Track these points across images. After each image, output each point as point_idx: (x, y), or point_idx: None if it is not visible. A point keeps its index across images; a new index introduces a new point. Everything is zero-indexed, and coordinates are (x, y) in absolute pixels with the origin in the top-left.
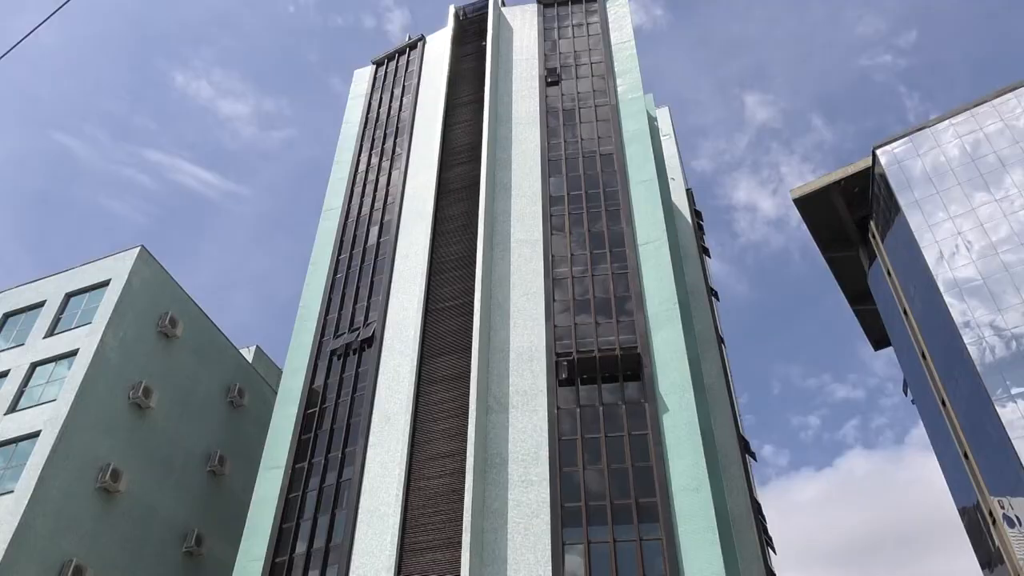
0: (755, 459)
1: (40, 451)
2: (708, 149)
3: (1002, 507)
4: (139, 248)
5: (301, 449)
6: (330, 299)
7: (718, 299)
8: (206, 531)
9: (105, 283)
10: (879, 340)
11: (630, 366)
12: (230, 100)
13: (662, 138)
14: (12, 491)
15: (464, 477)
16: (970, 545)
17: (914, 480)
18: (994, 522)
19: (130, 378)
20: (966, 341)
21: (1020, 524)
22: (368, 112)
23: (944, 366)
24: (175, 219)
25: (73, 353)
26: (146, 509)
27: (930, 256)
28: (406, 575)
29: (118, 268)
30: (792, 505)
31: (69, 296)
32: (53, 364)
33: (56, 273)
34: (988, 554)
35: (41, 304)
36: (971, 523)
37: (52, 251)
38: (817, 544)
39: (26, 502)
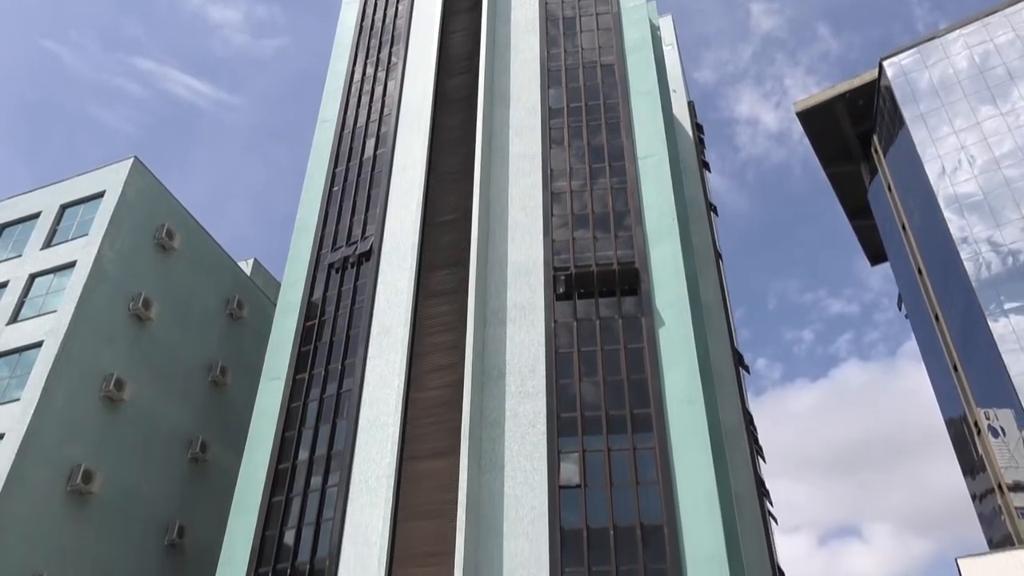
0: (748, 372)
1: (44, 360)
2: (711, 60)
3: (987, 418)
4: (132, 159)
5: (301, 361)
6: (327, 212)
7: (717, 214)
8: (210, 439)
9: (100, 195)
10: (876, 255)
11: (628, 281)
12: (220, 6)
13: (664, 48)
14: (19, 399)
15: (462, 389)
16: (954, 454)
17: (904, 392)
18: (979, 432)
19: (129, 290)
20: (963, 257)
21: (1003, 434)
22: (363, 19)
23: (939, 281)
24: (167, 129)
25: (71, 265)
26: (151, 418)
27: (932, 171)
28: (406, 482)
29: (112, 179)
30: (787, 414)
31: (64, 207)
32: (52, 276)
33: (50, 184)
34: (971, 462)
35: (36, 215)
36: (956, 433)
37: (44, 161)
38: (811, 451)
39: (33, 409)
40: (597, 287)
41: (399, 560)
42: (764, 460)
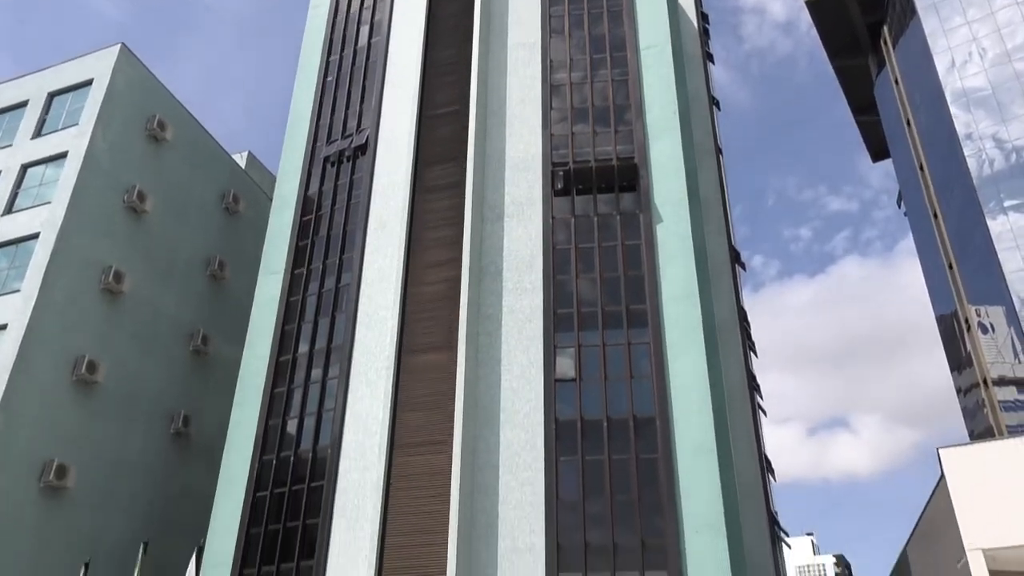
0: (744, 269)
1: (41, 252)
2: None
3: (978, 315)
4: (119, 46)
5: (299, 255)
6: (321, 103)
7: (719, 108)
8: (211, 332)
9: (88, 83)
10: (878, 152)
11: (626, 177)
12: None
13: None
14: (19, 291)
15: (459, 284)
16: (943, 349)
17: (899, 289)
18: (968, 329)
19: (123, 182)
20: (966, 153)
21: (993, 331)
22: None
23: (940, 178)
24: (154, 16)
25: (63, 155)
26: (151, 310)
27: (941, 64)
28: (405, 374)
29: (100, 67)
30: (785, 309)
31: (52, 96)
32: (44, 166)
33: (36, 71)
34: (959, 358)
35: (24, 104)
36: (946, 330)
37: (27, 46)
38: (806, 345)
39: (34, 301)
40: (595, 183)
41: (399, 448)
42: (756, 355)
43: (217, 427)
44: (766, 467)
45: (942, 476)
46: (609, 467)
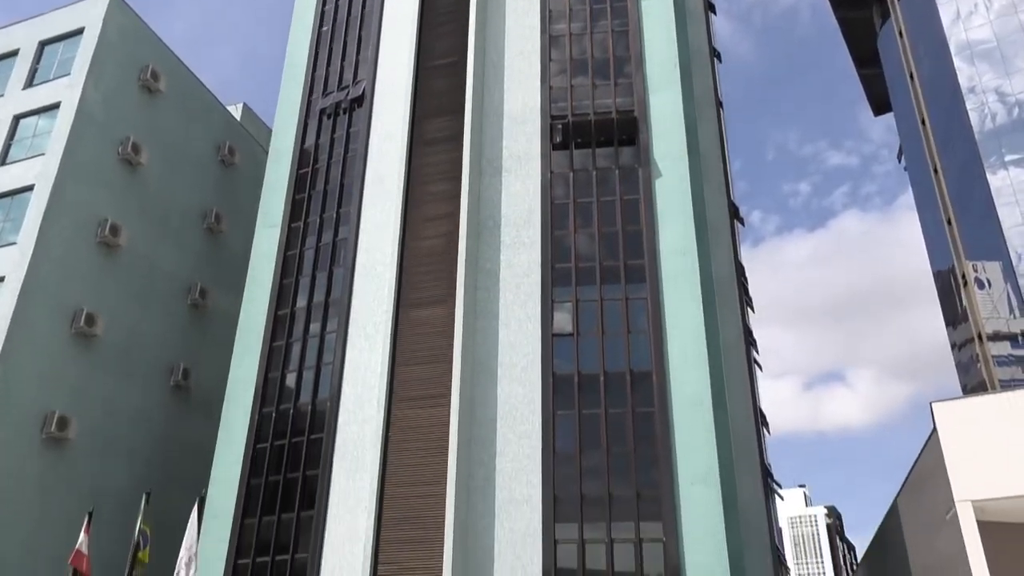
0: (743, 224)
1: (36, 205)
2: None
3: (975, 270)
4: None
5: (296, 209)
6: (316, 54)
7: (720, 60)
8: (209, 285)
9: (79, 31)
10: (880, 105)
11: (626, 131)
12: None
13: None
14: (15, 243)
15: (457, 238)
16: (939, 305)
17: (897, 244)
18: (965, 284)
19: (117, 133)
20: (968, 106)
21: (989, 286)
22: None
23: (942, 132)
24: None
25: (55, 106)
26: (148, 263)
27: (946, 15)
28: (403, 328)
29: (91, 15)
30: (783, 264)
31: (43, 44)
32: (36, 117)
33: (26, 19)
34: (954, 313)
35: (15, 53)
36: (943, 285)
37: None
38: (803, 300)
39: (30, 253)
40: (594, 137)
41: (397, 401)
42: (753, 310)
43: (216, 380)
44: (760, 421)
45: (934, 429)
46: (605, 420)
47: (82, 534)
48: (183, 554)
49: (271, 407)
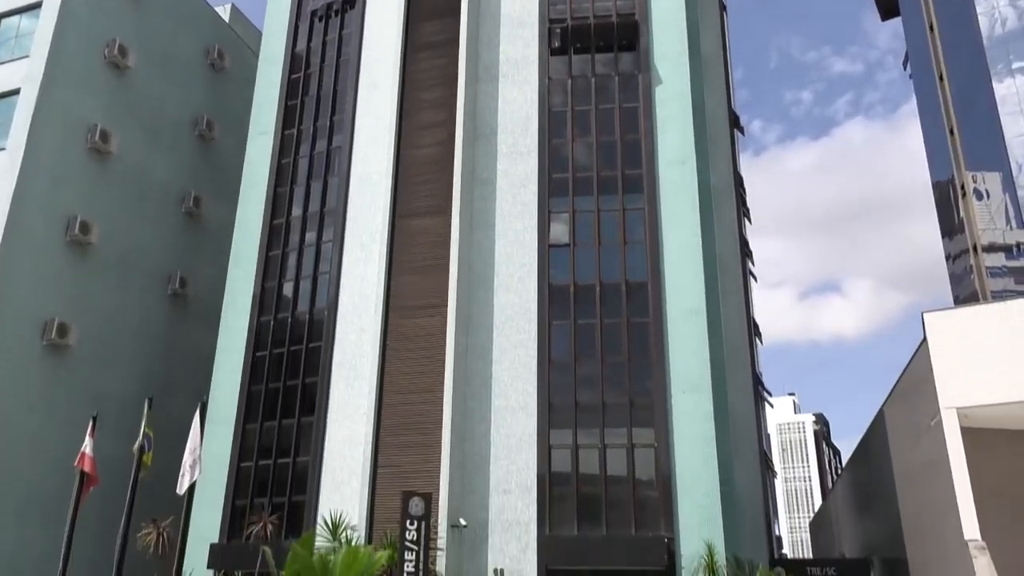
0: (743, 134)
1: (24, 108)
2: None
3: (974, 181)
4: None
5: (288, 115)
6: None
7: None
8: (202, 194)
9: None
10: (888, 10)
11: (626, 35)
12: None
13: None
14: (5, 148)
15: (453, 147)
16: (936, 216)
17: (898, 154)
18: (963, 195)
19: (102, 35)
20: (978, 11)
21: (987, 197)
22: None
23: (949, 39)
24: None
25: (37, 5)
26: (140, 171)
27: None
28: (399, 238)
29: None
30: (784, 174)
31: None
32: (19, 17)
33: None
34: (951, 225)
35: None
36: (942, 195)
37: None
38: (802, 209)
39: (21, 158)
40: (594, 41)
41: (394, 311)
42: (750, 221)
43: (214, 288)
44: (753, 331)
45: (924, 339)
46: (600, 330)
47: (87, 438)
48: (187, 457)
49: (269, 316)
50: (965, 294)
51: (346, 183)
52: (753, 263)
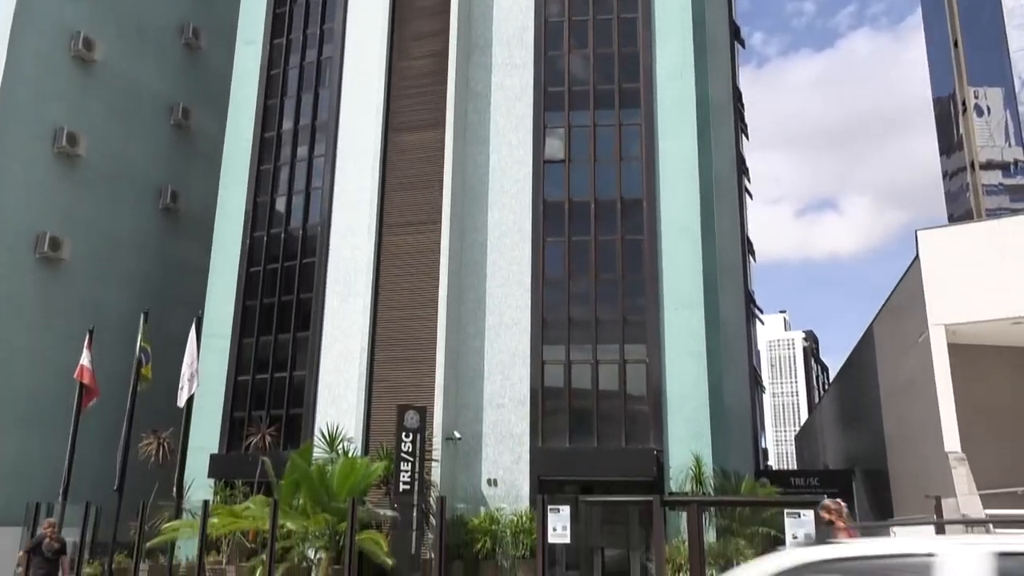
0: (743, 47)
1: (3, 14)
2: None
3: (976, 96)
4: None
5: (277, 24)
6: None
7: None
8: (191, 105)
9: None
10: None
11: None
12: None
13: None
14: None
15: (447, 58)
16: (935, 133)
17: (901, 68)
18: (964, 111)
19: None
20: None
21: (988, 113)
22: None
23: None
24: None
25: None
26: (127, 81)
27: None
28: (392, 153)
29: None
30: (785, 88)
31: None
32: None
33: None
34: (950, 142)
35: None
36: (942, 112)
37: None
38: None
39: (3, 66)
40: None
41: (388, 227)
42: (747, 137)
43: (206, 203)
44: (747, 248)
45: (916, 257)
46: (594, 247)
47: (84, 351)
48: (185, 371)
49: (262, 231)
50: (960, 212)
51: (337, 95)
52: (749, 180)
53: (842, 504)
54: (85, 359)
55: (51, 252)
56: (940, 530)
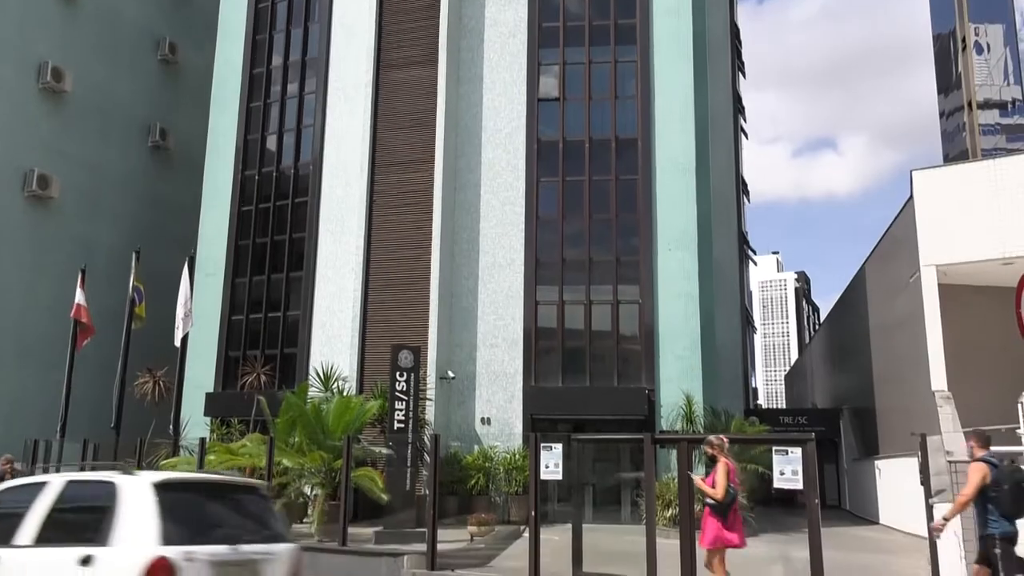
0: None
1: None
2: None
3: (976, 34)
4: None
5: None
6: None
7: None
8: (178, 40)
9: None
10: None
11: None
12: None
13: None
14: None
15: None
16: (935, 70)
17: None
18: (964, 48)
19: None
20: None
21: (988, 51)
22: None
23: None
24: None
25: None
26: (112, 15)
27: None
28: (384, 90)
29: None
30: (786, 25)
31: None
32: None
33: None
34: (948, 80)
35: None
36: (942, 50)
37: None
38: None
39: None
40: None
41: (380, 166)
42: (744, 76)
43: (196, 141)
44: (742, 189)
45: (911, 197)
46: (589, 187)
47: (78, 289)
48: (179, 310)
49: (253, 169)
50: (956, 152)
51: (327, 30)
52: (745, 119)
53: (724, 439)
54: (80, 298)
55: (40, 190)
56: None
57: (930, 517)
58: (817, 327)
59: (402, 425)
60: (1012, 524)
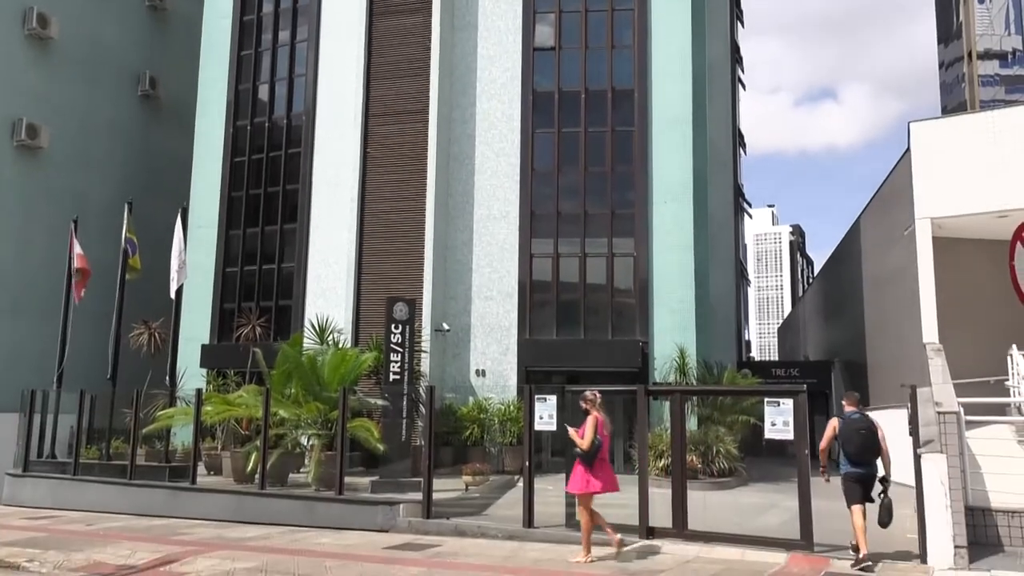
0: None
1: None
2: None
3: None
4: None
5: None
6: None
7: None
8: None
9: None
10: None
11: None
12: None
13: None
14: None
15: None
16: (935, 19)
17: None
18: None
19: None
20: None
21: (990, 0)
22: None
23: None
24: None
25: None
26: None
27: None
28: (377, 39)
29: None
30: None
31: None
32: None
33: None
34: (949, 30)
35: None
36: None
37: None
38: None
39: None
40: None
41: (374, 117)
42: (743, 25)
43: (186, 90)
44: (738, 141)
45: (908, 149)
46: (584, 139)
47: (73, 240)
48: (174, 261)
49: (245, 120)
50: (954, 104)
51: None
52: (743, 70)
53: (597, 394)
54: (78, 248)
55: (29, 140)
56: None
57: (918, 467)
58: (811, 280)
59: (397, 377)
60: (854, 466)
